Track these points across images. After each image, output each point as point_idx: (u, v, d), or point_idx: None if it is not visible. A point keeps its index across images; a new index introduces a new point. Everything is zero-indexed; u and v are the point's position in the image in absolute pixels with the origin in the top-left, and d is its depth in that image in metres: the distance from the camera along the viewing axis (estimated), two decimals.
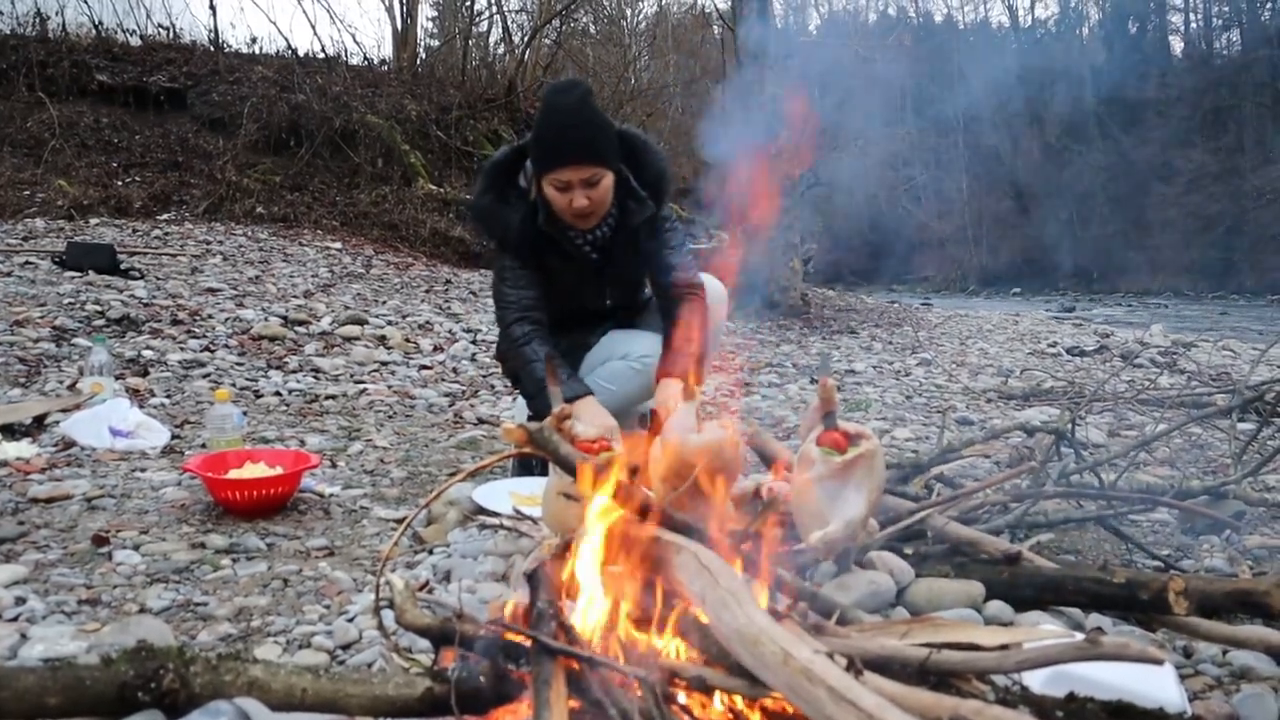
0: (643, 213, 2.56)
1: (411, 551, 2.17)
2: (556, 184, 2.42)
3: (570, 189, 2.41)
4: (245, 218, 8.66)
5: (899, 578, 1.74)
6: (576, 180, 2.40)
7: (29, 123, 9.24)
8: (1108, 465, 2.69)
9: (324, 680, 1.17)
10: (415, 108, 10.65)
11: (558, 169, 2.40)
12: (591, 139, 2.42)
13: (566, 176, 2.40)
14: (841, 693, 0.92)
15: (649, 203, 2.56)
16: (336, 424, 3.57)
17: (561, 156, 2.40)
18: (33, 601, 1.77)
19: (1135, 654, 1.01)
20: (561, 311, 2.68)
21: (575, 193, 2.41)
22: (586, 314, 2.76)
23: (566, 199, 2.43)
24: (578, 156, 2.39)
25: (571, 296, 2.68)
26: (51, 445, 2.93)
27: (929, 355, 7.15)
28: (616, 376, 2.64)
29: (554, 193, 2.44)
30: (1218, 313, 18.43)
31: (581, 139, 2.40)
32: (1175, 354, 7.29)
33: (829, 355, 6.89)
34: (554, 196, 2.45)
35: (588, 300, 2.71)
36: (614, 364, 2.65)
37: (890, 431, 4.01)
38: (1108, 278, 31.36)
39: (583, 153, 2.40)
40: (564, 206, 2.45)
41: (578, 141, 2.40)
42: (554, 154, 2.41)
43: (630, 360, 2.63)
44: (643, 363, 2.60)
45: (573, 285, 2.66)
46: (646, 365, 2.59)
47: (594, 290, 2.71)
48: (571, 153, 2.39)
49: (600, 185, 2.44)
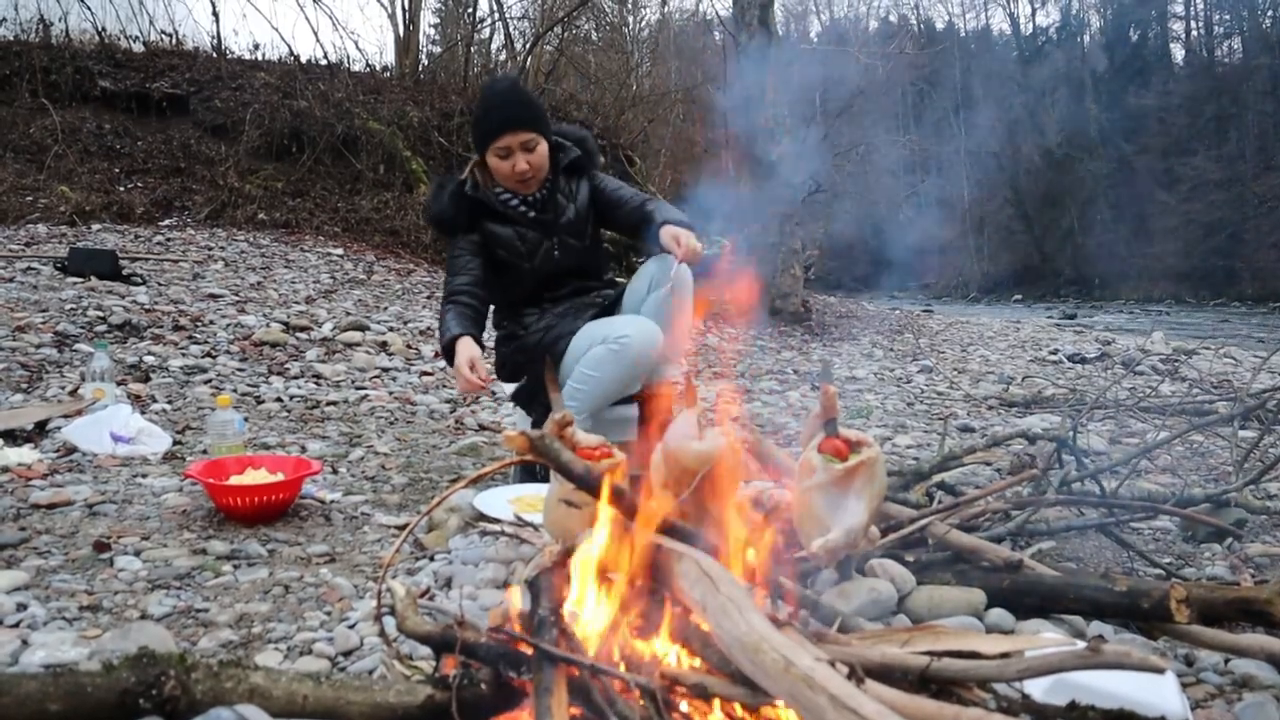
0: (569, 154, 2.87)
1: (413, 558, 2.17)
2: (499, 152, 2.72)
3: (511, 154, 2.71)
4: (247, 223, 8.67)
5: (900, 585, 1.74)
6: (516, 144, 2.70)
7: (32, 128, 9.25)
8: (1109, 473, 2.68)
9: (325, 687, 1.17)
10: (417, 114, 10.66)
11: (497, 138, 2.70)
12: (526, 109, 2.77)
13: (506, 142, 2.70)
14: (843, 700, 0.92)
15: (573, 148, 2.88)
16: (338, 430, 3.57)
17: (501, 125, 2.70)
18: (34, 607, 1.77)
19: (1137, 662, 1.01)
20: (525, 280, 2.85)
21: (516, 157, 2.71)
22: (548, 277, 2.88)
23: (509, 164, 2.72)
24: (515, 124, 2.70)
25: (525, 259, 2.84)
26: (53, 451, 2.93)
27: (930, 362, 7.14)
28: (599, 363, 2.65)
29: (497, 161, 2.74)
30: (1219, 320, 18.41)
31: (516, 109, 2.75)
32: (1177, 361, 7.29)
33: (830, 362, 6.90)
34: (497, 165, 2.75)
35: (541, 261, 2.85)
36: (595, 350, 2.66)
37: (892, 438, 4.01)
38: (1109, 285, 31.32)
39: (519, 120, 2.71)
40: (507, 173, 2.74)
41: (513, 112, 2.73)
42: (494, 125, 2.71)
43: (608, 343, 2.64)
44: (620, 343, 2.62)
45: (520, 248, 2.83)
46: (624, 344, 2.61)
47: (543, 248, 2.85)
48: (509, 121, 2.70)
49: (537, 151, 2.74)
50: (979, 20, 45.70)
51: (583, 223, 2.90)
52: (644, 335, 2.64)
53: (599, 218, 2.93)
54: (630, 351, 2.61)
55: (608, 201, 2.90)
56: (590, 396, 2.65)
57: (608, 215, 2.92)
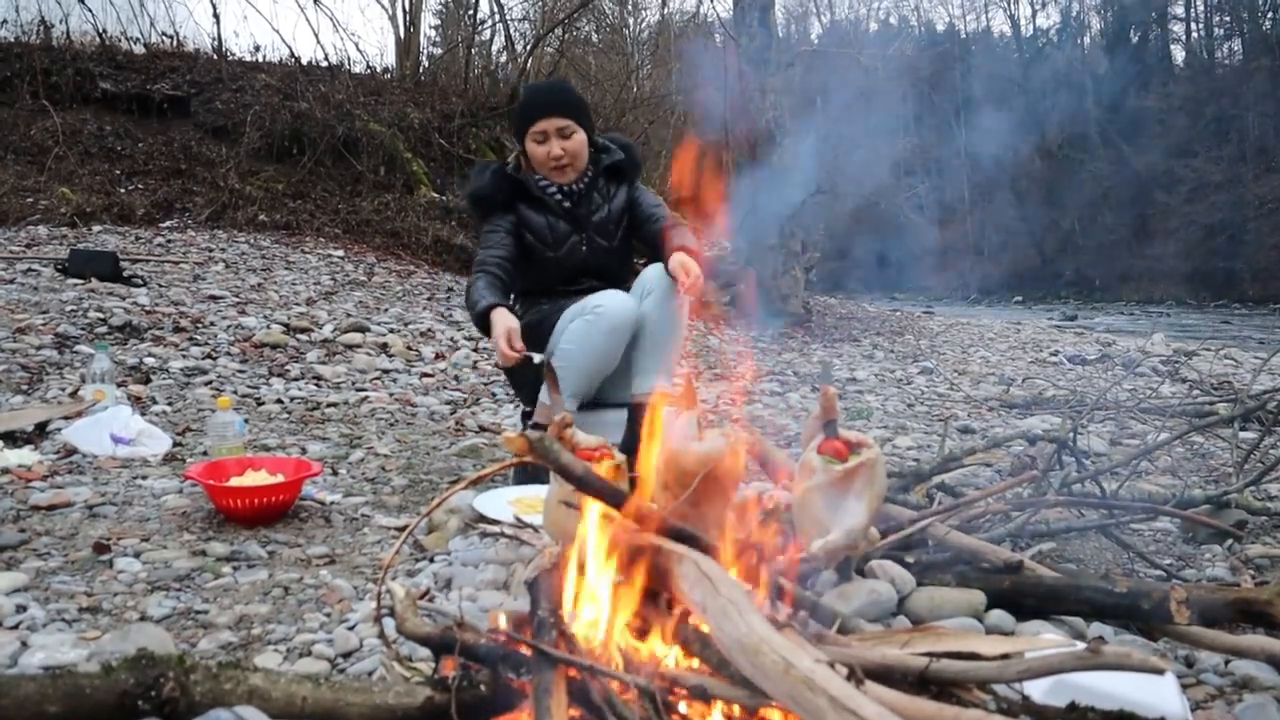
0: (612, 156, 2.93)
1: (412, 559, 2.17)
2: (536, 137, 2.80)
3: (548, 139, 2.79)
4: (248, 225, 8.67)
5: (900, 586, 1.74)
6: (552, 129, 2.78)
7: (32, 130, 9.25)
8: (1109, 474, 2.68)
9: (324, 688, 1.17)
10: (418, 115, 10.66)
11: (535, 121, 2.79)
12: (564, 97, 2.89)
13: (543, 126, 2.78)
14: (843, 702, 0.92)
15: (618, 151, 2.95)
16: (338, 431, 3.57)
17: (539, 110, 2.80)
18: (33, 609, 1.77)
19: (1137, 663, 1.01)
20: (548, 270, 2.89)
21: (552, 142, 2.79)
22: (569, 271, 2.91)
23: (545, 150, 2.80)
24: (552, 109, 2.80)
25: (551, 248, 2.88)
26: (53, 452, 2.93)
27: (930, 363, 7.14)
28: (576, 336, 2.68)
29: (534, 146, 2.81)
30: (1219, 321, 18.41)
31: (555, 96, 2.89)
32: (1177, 363, 7.29)
33: (830, 363, 6.90)
34: (534, 150, 2.82)
35: (567, 253, 2.89)
36: (573, 325, 2.70)
37: (892, 440, 4.01)
38: (1109, 286, 31.32)
39: (556, 106, 2.81)
40: (543, 158, 2.81)
41: (552, 98, 2.86)
42: (533, 109, 2.82)
43: (584, 315, 2.67)
44: (595, 313, 2.65)
45: (549, 236, 2.88)
46: (599, 314, 2.64)
47: (570, 241, 2.89)
48: (547, 106, 2.81)
49: (574, 138, 2.81)
50: (980, 22, 45.73)
51: (614, 225, 2.95)
52: (618, 303, 2.69)
53: (630, 226, 2.98)
54: (605, 320, 2.65)
55: (640, 214, 2.95)
56: (573, 372, 2.67)
57: (637, 227, 2.97)
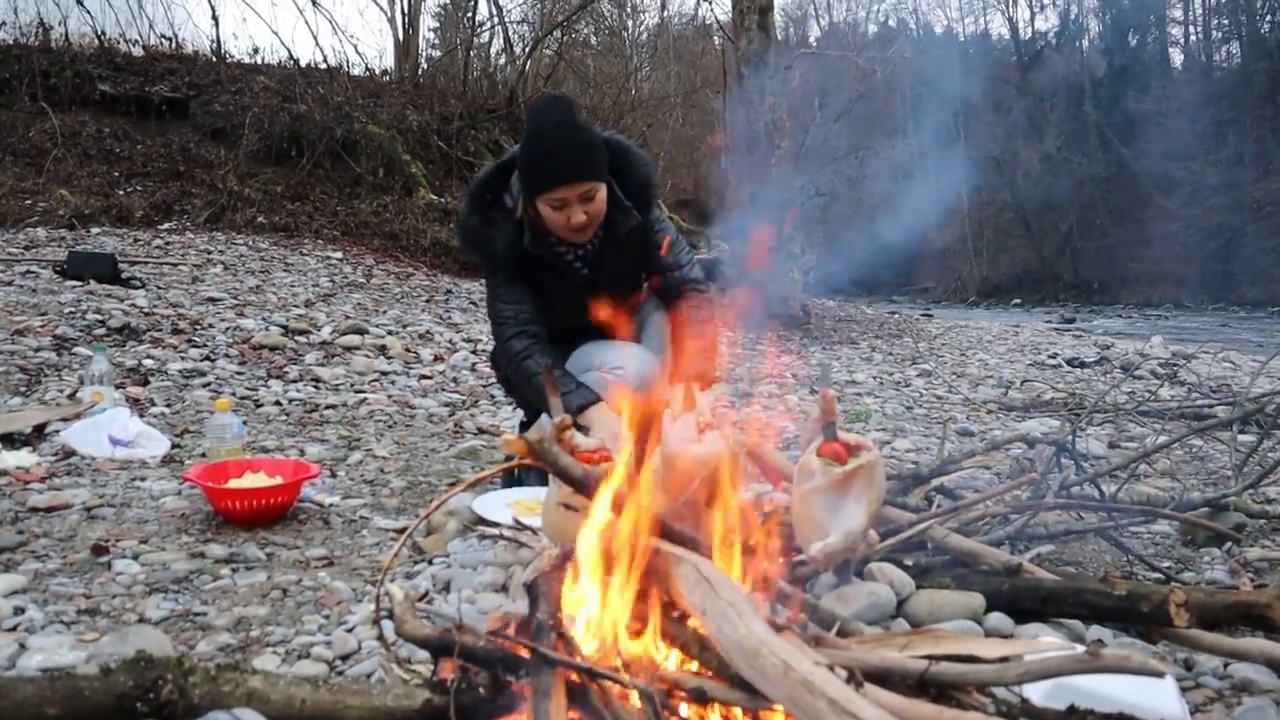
0: (628, 223, 2.55)
1: (411, 562, 2.17)
2: (553, 203, 2.41)
3: (568, 206, 2.40)
4: (246, 227, 8.68)
5: (899, 589, 1.74)
6: (574, 197, 2.39)
7: (31, 132, 9.27)
8: (1108, 477, 2.69)
9: (323, 691, 1.17)
10: (416, 118, 10.68)
11: (553, 189, 2.39)
12: (585, 156, 2.41)
13: (563, 195, 2.38)
14: (842, 705, 0.92)
15: (634, 213, 2.56)
16: (336, 434, 3.57)
17: (557, 176, 2.38)
18: (31, 611, 1.77)
19: (1136, 666, 1.01)
20: (551, 326, 2.66)
21: (573, 209, 2.40)
22: (575, 329, 2.72)
23: (564, 216, 2.41)
24: (573, 174, 2.38)
25: (561, 311, 2.67)
26: (51, 454, 2.92)
27: (929, 366, 7.14)
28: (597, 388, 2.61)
29: (550, 211, 2.43)
30: (1218, 324, 18.42)
31: (575, 157, 2.39)
32: (1176, 366, 7.29)
33: (829, 366, 6.89)
34: (550, 215, 2.43)
35: (577, 315, 2.63)
36: (591, 375, 2.57)
37: (890, 442, 4.01)
38: (1108, 289, 31.33)
39: (578, 170, 2.39)
40: (561, 224, 2.44)
41: (572, 160, 2.38)
42: (549, 175, 2.39)
43: (605, 371, 2.57)
44: (615, 374, 2.54)
45: (563, 300, 2.64)
46: (619, 377, 2.53)
47: (584, 304, 2.60)
48: (567, 172, 2.38)
49: (596, 199, 2.44)
50: (978, 25, 45.76)
51: (629, 266, 2.74)
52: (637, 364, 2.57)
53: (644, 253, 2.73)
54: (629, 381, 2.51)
55: (655, 260, 2.72)
56: None
57: (650, 265, 2.76)
